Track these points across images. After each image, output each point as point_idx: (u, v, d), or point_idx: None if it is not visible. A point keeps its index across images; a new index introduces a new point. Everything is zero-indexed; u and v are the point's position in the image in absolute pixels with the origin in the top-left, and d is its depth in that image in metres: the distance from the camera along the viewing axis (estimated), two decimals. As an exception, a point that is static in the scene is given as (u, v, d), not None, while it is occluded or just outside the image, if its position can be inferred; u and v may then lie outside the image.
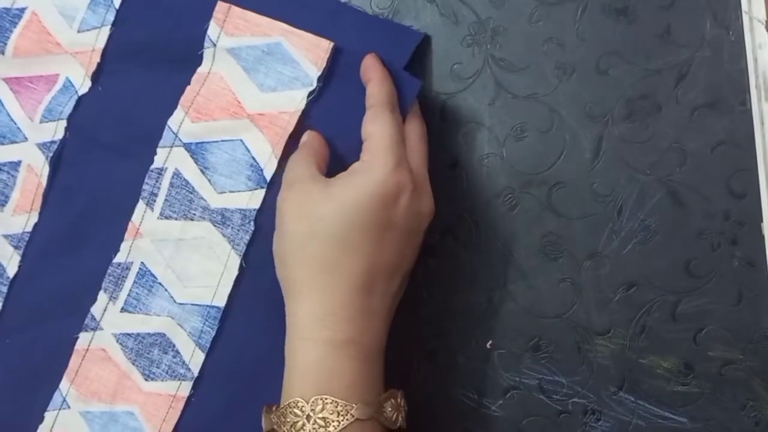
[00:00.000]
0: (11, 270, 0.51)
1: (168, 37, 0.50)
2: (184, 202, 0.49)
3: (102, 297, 0.50)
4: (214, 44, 0.49)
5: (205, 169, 0.49)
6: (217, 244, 0.49)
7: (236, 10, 0.49)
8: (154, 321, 0.49)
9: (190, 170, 0.49)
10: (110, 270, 0.50)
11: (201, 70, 0.50)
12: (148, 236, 0.50)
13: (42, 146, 0.51)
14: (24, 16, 0.51)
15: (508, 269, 0.49)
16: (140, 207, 0.50)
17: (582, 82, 0.49)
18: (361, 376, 0.42)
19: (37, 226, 0.51)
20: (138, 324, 0.49)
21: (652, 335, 0.48)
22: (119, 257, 0.50)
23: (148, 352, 0.49)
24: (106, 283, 0.50)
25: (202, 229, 0.49)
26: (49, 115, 0.51)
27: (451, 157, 0.50)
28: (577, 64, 0.49)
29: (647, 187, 0.48)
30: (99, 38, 0.51)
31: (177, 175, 0.50)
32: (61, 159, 0.51)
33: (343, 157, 0.48)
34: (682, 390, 0.48)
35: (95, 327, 0.50)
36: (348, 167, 0.45)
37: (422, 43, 0.49)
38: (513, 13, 0.49)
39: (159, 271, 0.49)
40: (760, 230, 0.47)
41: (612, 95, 0.49)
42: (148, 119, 0.50)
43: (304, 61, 0.49)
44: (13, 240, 0.51)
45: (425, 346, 0.50)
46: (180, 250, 0.49)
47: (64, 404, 0.49)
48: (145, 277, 0.49)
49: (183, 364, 0.49)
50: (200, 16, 0.50)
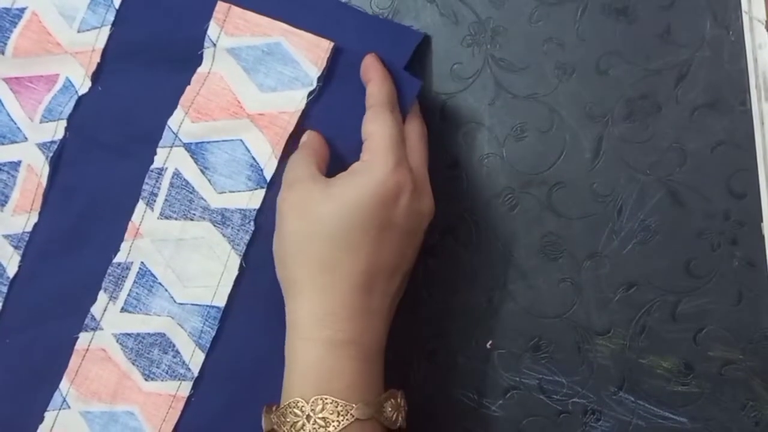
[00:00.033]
0: (11, 270, 0.51)
1: (168, 37, 0.50)
2: (184, 202, 0.49)
3: (102, 297, 0.50)
4: (214, 44, 0.49)
5: (205, 169, 0.49)
6: (217, 244, 0.49)
7: (236, 10, 0.49)
8: (154, 321, 0.49)
9: (190, 170, 0.49)
10: (110, 270, 0.50)
11: (201, 70, 0.50)
12: (148, 236, 0.50)
13: (42, 146, 0.51)
14: (24, 16, 0.51)
15: (508, 269, 0.49)
16: (140, 207, 0.50)
17: (582, 82, 0.49)
18: (361, 376, 0.42)
19: (37, 226, 0.51)
20: (138, 324, 0.49)
21: (652, 335, 0.48)
22: (119, 257, 0.50)
23: (148, 352, 0.49)
24: (106, 283, 0.50)
25: (202, 229, 0.49)
26: (49, 115, 0.51)
27: (451, 157, 0.50)
28: (577, 64, 0.49)
29: (647, 187, 0.48)
30: (99, 38, 0.51)
31: (177, 175, 0.50)
32: (61, 159, 0.51)
33: (343, 157, 0.48)
34: (682, 390, 0.48)
35: (95, 327, 0.50)
36: (348, 167, 0.45)
37: (422, 43, 0.49)
38: (513, 13, 0.49)
39: (159, 271, 0.49)
40: (760, 230, 0.47)
41: (612, 95, 0.49)
42: (148, 119, 0.50)
43: (304, 61, 0.49)
44: (13, 240, 0.51)
45: (425, 346, 0.50)
46: (180, 250, 0.49)
47: (64, 404, 0.49)
48: (145, 277, 0.49)
49: (183, 364, 0.49)
50: (200, 16, 0.50)
